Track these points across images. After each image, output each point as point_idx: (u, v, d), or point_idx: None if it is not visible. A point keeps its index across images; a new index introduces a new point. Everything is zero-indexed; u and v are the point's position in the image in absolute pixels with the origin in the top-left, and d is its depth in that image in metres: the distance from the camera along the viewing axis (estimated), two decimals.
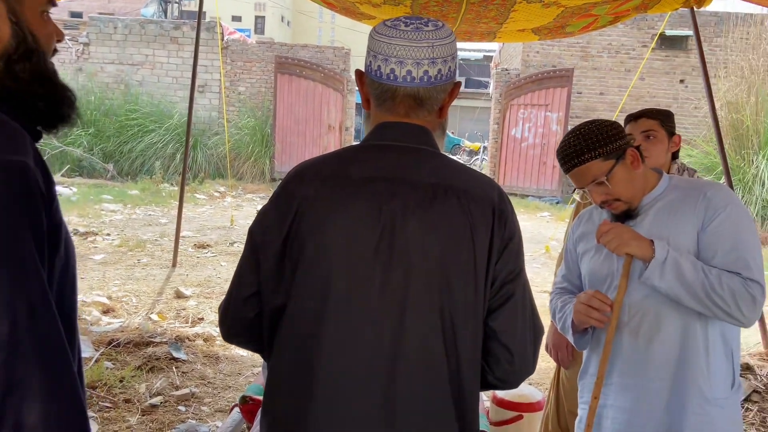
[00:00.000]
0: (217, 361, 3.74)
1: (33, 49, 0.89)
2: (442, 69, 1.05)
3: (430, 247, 1.01)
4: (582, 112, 12.25)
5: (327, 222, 1.02)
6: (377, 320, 1.00)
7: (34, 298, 0.77)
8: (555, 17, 3.97)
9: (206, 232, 7.60)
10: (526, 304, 1.08)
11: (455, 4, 3.73)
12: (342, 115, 12.98)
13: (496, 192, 1.07)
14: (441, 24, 1.08)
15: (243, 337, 1.15)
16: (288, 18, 41.30)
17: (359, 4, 4.04)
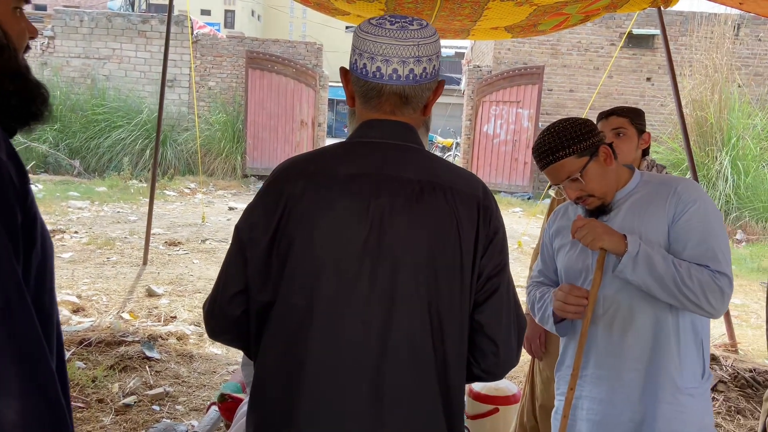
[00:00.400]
0: (191, 360, 3.70)
1: (3, 45, 0.88)
2: (427, 67, 1.07)
3: (417, 242, 1.02)
4: (552, 108, 12.43)
5: (315, 219, 1.03)
6: (365, 315, 1.01)
7: (8, 293, 0.76)
8: (527, 16, 4.02)
9: (177, 229, 7.49)
10: (510, 298, 1.10)
11: (430, 2, 3.75)
12: (314, 110, 12.91)
13: (480, 188, 1.09)
14: (425, 23, 1.09)
15: (229, 335, 1.15)
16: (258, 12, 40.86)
17: (334, 0, 4.03)
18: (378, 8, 4.01)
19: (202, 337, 4.08)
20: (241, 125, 12.52)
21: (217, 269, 5.76)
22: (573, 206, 1.69)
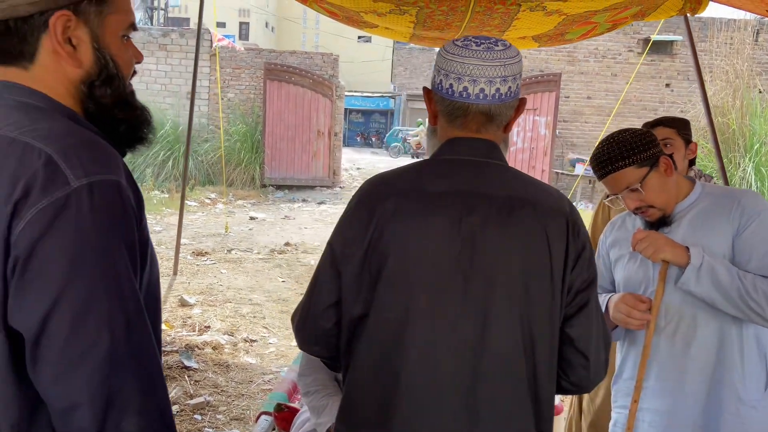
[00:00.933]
0: (227, 370, 3.74)
1: (114, 74, 0.91)
2: (511, 86, 1.10)
3: (509, 258, 1.05)
4: (570, 116, 12.43)
5: (407, 236, 1.06)
6: (459, 330, 1.04)
7: (130, 311, 0.79)
8: (556, 25, 4.05)
9: (202, 239, 7.57)
10: (598, 311, 1.13)
11: (460, 13, 3.80)
12: (331, 120, 13.02)
13: (567, 203, 1.12)
14: (509, 44, 1.13)
15: (319, 346, 1.18)
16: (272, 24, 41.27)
17: (363, 14, 4.09)
18: (408, 21, 4.06)
19: (236, 346, 4.13)
20: (260, 136, 12.64)
21: (245, 279, 5.82)
22: (630, 217, 1.71)
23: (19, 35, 0.84)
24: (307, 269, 6.43)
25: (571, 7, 3.57)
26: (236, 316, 4.71)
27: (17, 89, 0.86)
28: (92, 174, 0.77)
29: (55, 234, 0.74)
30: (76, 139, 0.81)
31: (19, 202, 0.74)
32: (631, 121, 12.25)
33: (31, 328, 0.74)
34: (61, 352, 0.74)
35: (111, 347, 0.75)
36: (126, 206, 0.81)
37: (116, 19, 0.91)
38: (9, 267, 0.75)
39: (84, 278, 0.75)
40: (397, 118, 33.94)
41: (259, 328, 4.51)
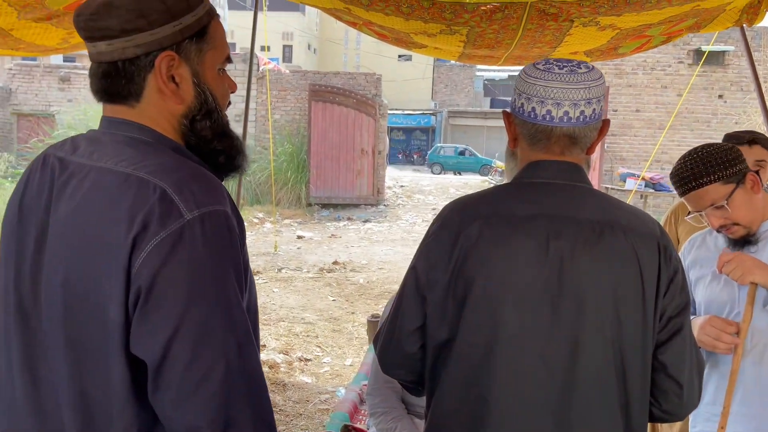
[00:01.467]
0: (284, 389, 3.78)
1: (212, 108, 0.95)
2: (595, 108, 1.10)
3: (600, 283, 1.04)
4: (618, 129, 12.19)
5: (493, 260, 1.06)
6: (549, 356, 1.03)
7: (240, 336, 0.81)
8: (609, 39, 4.01)
9: (252, 258, 7.71)
10: (692, 337, 1.11)
11: (511, 31, 3.80)
12: (374, 139, 13.14)
13: (657, 227, 1.10)
14: (591, 66, 1.13)
15: (403, 369, 1.19)
16: (314, 46, 42.13)
17: (413, 35, 4.14)
18: (458, 40, 4.09)
19: (291, 365, 4.17)
20: (305, 155, 12.86)
21: (296, 298, 5.90)
22: (711, 235, 1.66)
23: (127, 75, 0.89)
24: (356, 288, 6.46)
25: (625, 22, 3.53)
26: (290, 335, 4.77)
27: (127, 125, 0.91)
28: (202, 206, 0.81)
29: (173, 264, 0.77)
30: (186, 172, 0.85)
31: (138, 235, 0.78)
32: (683, 134, 11.93)
33: (153, 354, 0.77)
34: (182, 377, 0.76)
35: (227, 372, 0.78)
36: (233, 234, 0.85)
37: (213, 55, 0.95)
38: (131, 298, 0.78)
39: (201, 305, 0.78)
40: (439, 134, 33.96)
41: (313, 347, 4.55)
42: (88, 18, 0.87)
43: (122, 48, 0.87)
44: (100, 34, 0.87)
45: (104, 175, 0.84)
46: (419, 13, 3.54)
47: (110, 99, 0.92)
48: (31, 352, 0.86)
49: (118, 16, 0.85)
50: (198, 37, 0.92)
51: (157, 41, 0.88)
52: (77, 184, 0.85)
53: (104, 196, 0.82)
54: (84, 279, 0.81)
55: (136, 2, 0.86)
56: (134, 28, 0.86)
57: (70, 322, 0.82)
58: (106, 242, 0.79)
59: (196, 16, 0.91)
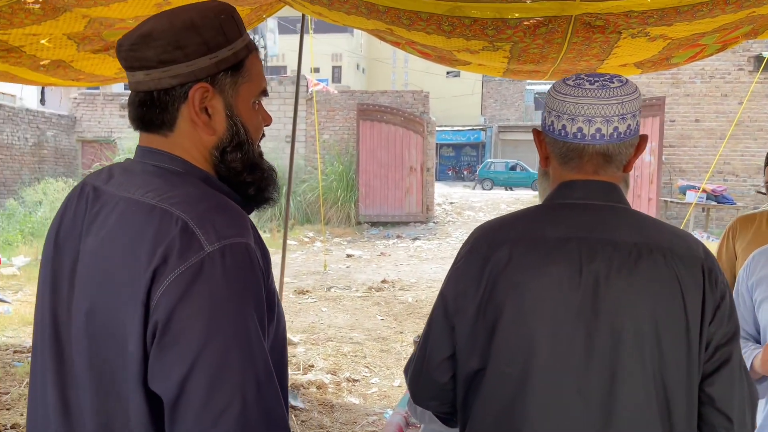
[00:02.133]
0: (332, 410, 3.77)
1: (244, 141, 0.95)
2: (631, 124, 1.05)
3: (638, 309, 0.98)
4: (677, 140, 11.75)
5: (524, 285, 1.01)
6: (585, 386, 0.98)
7: (260, 373, 0.79)
8: (661, 50, 3.88)
9: (302, 277, 7.80)
10: (742, 368, 1.02)
11: (556, 45, 3.73)
12: (423, 156, 13.13)
13: (701, 249, 1.03)
14: (625, 80, 1.08)
15: (436, 401, 1.15)
16: (363, 65, 42.74)
17: (456, 53, 4.12)
18: (502, 56, 4.05)
19: (339, 386, 4.16)
20: (354, 174, 12.97)
21: (344, 317, 5.91)
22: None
23: (161, 105, 0.90)
24: (404, 307, 6.42)
25: (677, 31, 3.40)
26: (338, 355, 4.76)
27: (158, 155, 0.92)
28: (224, 238, 0.80)
29: (191, 298, 0.77)
30: (210, 203, 0.85)
31: (158, 268, 0.78)
32: (747, 143, 11.38)
33: (169, 391, 0.76)
34: (198, 415, 0.75)
35: (243, 410, 0.75)
36: (254, 266, 0.83)
37: (249, 87, 0.95)
38: (149, 332, 0.78)
39: (218, 341, 0.76)
40: (489, 150, 33.66)
41: (361, 368, 4.53)
42: (129, 48, 0.89)
43: (159, 78, 0.89)
44: (138, 64, 0.89)
45: (131, 206, 0.85)
46: (461, 30, 3.52)
47: (145, 128, 0.94)
48: (63, 379, 0.87)
49: (156, 47, 0.87)
50: (234, 70, 0.93)
51: (193, 73, 0.89)
52: (106, 214, 0.86)
53: (129, 228, 0.83)
54: (106, 310, 0.81)
55: (174, 34, 0.87)
56: (171, 59, 0.88)
57: (93, 353, 0.82)
58: (128, 274, 0.80)
59: (233, 50, 0.92)
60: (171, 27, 0.88)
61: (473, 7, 3.23)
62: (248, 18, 4.54)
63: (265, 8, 4.40)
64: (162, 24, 0.88)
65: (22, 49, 3.82)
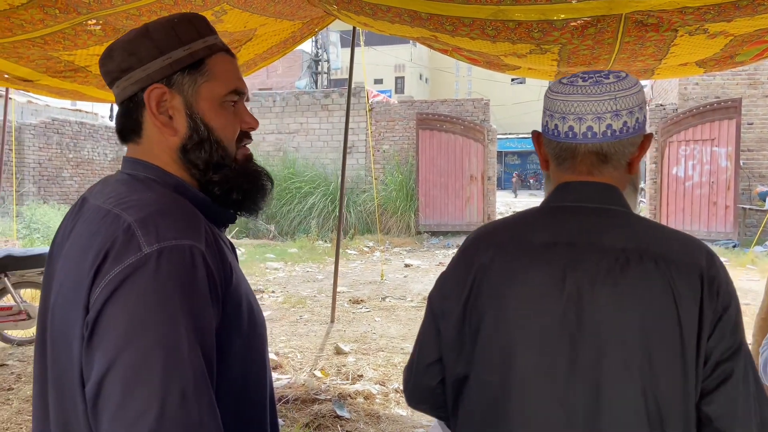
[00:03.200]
0: (378, 421, 3.74)
1: (205, 138, 0.95)
2: (628, 121, 0.98)
3: (626, 320, 0.91)
4: (755, 144, 11.03)
5: (505, 291, 0.97)
6: (568, 402, 0.91)
7: (186, 384, 0.74)
8: (722, 47, 3.65)
9: (359, 287, 7.83)
10: (749, 385, 0.92)
11: (607, 46, 3.59)
12: (484, 165, 12.95)
13: (703, 255, 0.94)
14: (624, 74, 1.01)
15: (426, 404, 1.12)
16: (426, 75, 42.80)
17: (503, 57, 4.05)
18: (551, 59, 3.93)
19: (387, 397, 4.13)
20: (414, 184, 12.96)
21: (397, 327, 5.88)
22: None
23: (128, 113, 0.94)
24: None
25: (738, 27, 3.19)
26: (388, 366, 4.74)
27: (135, 163, 0.94)
28: (164, 240, 0.79)
29: (119, 299, 0.75)
30: (161, 206, 0.84)
31: (99, 268, 0.78)
32: None
33: (90, 391, 0.74)
34: (112, 417, 0.71)
35: (159, 419, 0.71)
36: (197, 271, 0.79)
37: (211, 86, 0.95)
38: (85, 332, 0.77)
39: (139, 344, 0.73)
40: None
41: None
42: (100, 65, 0.94)
43: (123, 88, 0.93)
44: (109, 78, 0.94)
45: (93, 212, 0.87)
46: (505, 34, 3.45)
47: (122, 139, 0.98)
48: (44, 380, 0.89)
49: (115, 58, 0.92)
50: (191, 69, 0.93)
51: (149, 76, 0.91)
52: (79, 223, 0.89)
53: (86, 232, 0.84)
54: (62, 314, 0.82)
55: (128, 43, 0.92)
56: (128, 66, 0.91)
57: (54, 354, 0.84)
58: (77, 277, 0.80)
59: (188, 50, 0.93)
60: (127, 38, 0.92)
61: (517, 10, 3.16)
62: (301, 32, 4.64)
63: (317, 21, 4.49)
64: (122, 38, 0.93)
65: (88, 68, 4.07)
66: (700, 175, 11.13)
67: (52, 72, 4.08)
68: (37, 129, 12.91)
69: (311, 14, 4.07)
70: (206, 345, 0.78)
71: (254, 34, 4.04)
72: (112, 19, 3.11)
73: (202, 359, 0.77)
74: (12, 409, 3.79)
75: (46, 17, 2.94)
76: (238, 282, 0.90)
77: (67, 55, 3.70)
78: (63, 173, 13.49)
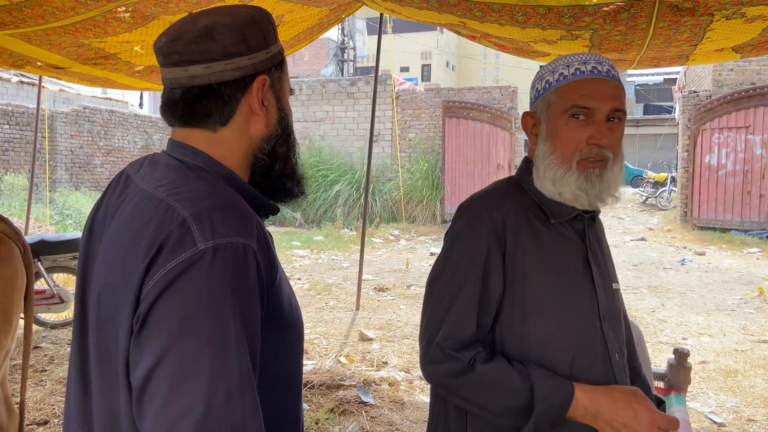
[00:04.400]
0: (402, 407, 3.76)
1: (291, 132, 1.00)
2: None
3: None
4: None
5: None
6: None
7: (232, 383, 0.74)
8: (761, 32, 3.52)
9: (384, 275, 7.85)
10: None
11: (641, 31, 3.49)
12: (511, 153, 12.81)
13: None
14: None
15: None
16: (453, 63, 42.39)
17: (533, 44, 3.97)
18: (582, 45, 3.85)
19: (411, 384, 4.14)
20: (440, 172, 12.90)
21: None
22: None
23: (225, 98, 0.91)
24: None
25: None
26: (413, 353, 4.75)
27: (184, 149, 0.93)
28: (219, 237, 0.78)
29: (172, 294, 0.75)
30: (216, 201, 0.84)
31: (152, 262, 0.78)
32: None
33: (136, 383, 0.75)
34: (158, 413, 0.72)
35: (204, 418, 0.71)
36: (250, 270, 0.80)
37: (287, 84, 1.00)
38: (135, 323, 0.77)
39: (190, 341, 0.73)
40: None
41: None
42: (189, 41, 0.89)
43: (221, 71, 0.90)
44: (199, 57, 0.89)
45: (144, 198, 0.86)
46: (535, 20, 3.39)
47: (194, 122, 0.93)
48: (84, 360, 0.90)
49: (221, 40, 0.89)
50: (280, 66, 0.98)
51: (253, 66, 0.92)
52: (126, 204, 0.88)
53: (138, 220, 0.84)
54: (110, 298, 0.83)
55: (239, 28, 0.91)
56: (237, 52, 0.90)
57: (100, 338, 0.84)
58: (129, 265, 0.80)
59: (278, 48, 0.98)
60: (234, 22, 0.91)
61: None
62: (328, 18, 4.63)
63: (343, 8, 4.47)
64: (223, 18, 0.90)
65: (118, 56, 4.12)
66: (734, 163, 10.84)
67: (83, 59, 4.15)
68: (68, 117, 13.18)
69: (338, 0, 4.05)
70: (253, 344, 0.79)
71: (281, 20, 4.04)
72: (141, 6, 3.14)
73: (249, 359, 0.77)
74: (45, 390, 3.90)
75: (77, 5, 2.98)
76: (281, 279, 0.90)
77: (97, 42, 3.75)
78: (94, 160, 13.77)
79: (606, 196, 1.19)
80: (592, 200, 1.17)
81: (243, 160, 0.95)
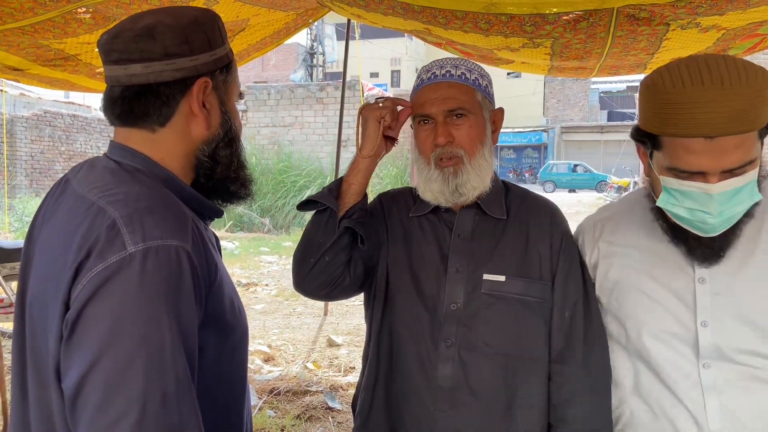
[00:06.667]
0: None
1: (235, 137, 0.99)
2: None
3: None
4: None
5: None
6: None
7: (168, 385, 0.73)
8: (715, 41, 3.66)
9: None
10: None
11: (600, 40, 3.59)
12: None
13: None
14: None
15: None
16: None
17: (497, 51, 4.04)
18: (543, 53, 3.94)
19: None
20: (408, 177, 12.96)
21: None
22: None
23: (163, 98, 0.90)
24: None
25: (730, 21, 3.21)
26: None
27: (123, 151, 0.92)
28: (150, 239, 0.77)
29: (101, 299, 0.74)
30: (149, 202, 0.82)
31: (81, 265, 0.76)
32: None
33: (69, 390, 0.73)
34: (92, 419, 0.71)
35: (140, 420, 0.70)
36: (183, 273, 0.78)
37: (234, 89, 1.00)
38: (64, 329, 0.76)
39: (122, 346, 0.72)
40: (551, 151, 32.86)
41: None
42: (129, 40, 0.88)
43: (160, 71, 0.89)
44: (139, 56, 0.88)
45: (77, 201, 0.85)
46: (498, 27, 3.45)
47: (132, 122, 0.92)
48: (23, 368, 0.88)
49: (162, 40, 0.88)
50: (226, 70, 0.97)
51: (195, 67, 0.91)
52: (61, 208, 0.87)
53: (69, 223, 0.82)
54: (41, 306, 0.81)
55: (182, 29, 0.90)
56: (177, 52, 0.89)
57: (34, 347, 0.83)
58: (58, 270, 0.79)
59: (225, 51, 0.97)
60: (177, 22, 0.90)
61: (509, 3, 3.16)
62: (294, 23, 4.61)
63: (310, 13, 4.46)
64: (166, 19, 0.90)
65: (79, 57, 4.03)
66: None
67: (42, 61, 4.05)
68: (29, 121, 12.84)
69: (304, 5, 4.05)
70: (189, 347, 0.78)
71: (247, 24, 4.02)
72: (102, 7, 3.09)
73: (186, 361, 0.76)
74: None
75: (35, 5, 2.91)
76: (222, 281, 0.89)
77: (57, 43, 3.67)
78: (55, 166, 13.43)
79: (465, 189, 1.28)
80: (448, 196, 1.28)
81: (184, 162, 0.94)
